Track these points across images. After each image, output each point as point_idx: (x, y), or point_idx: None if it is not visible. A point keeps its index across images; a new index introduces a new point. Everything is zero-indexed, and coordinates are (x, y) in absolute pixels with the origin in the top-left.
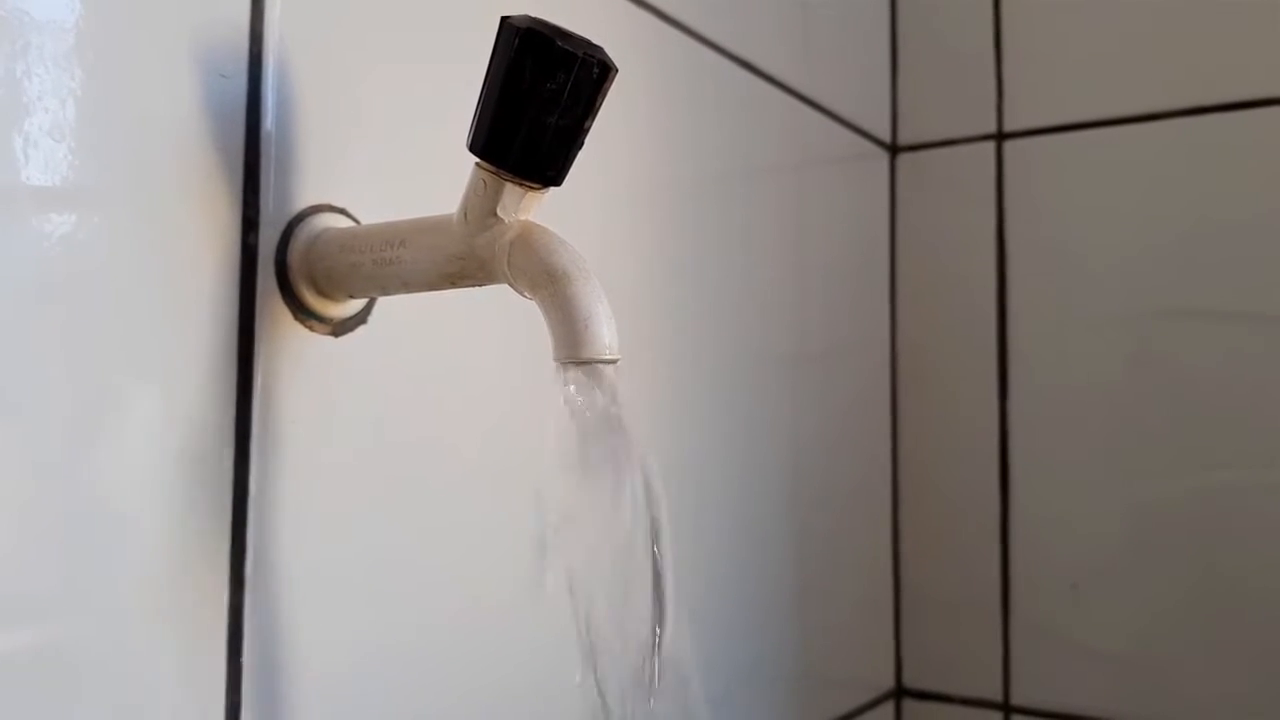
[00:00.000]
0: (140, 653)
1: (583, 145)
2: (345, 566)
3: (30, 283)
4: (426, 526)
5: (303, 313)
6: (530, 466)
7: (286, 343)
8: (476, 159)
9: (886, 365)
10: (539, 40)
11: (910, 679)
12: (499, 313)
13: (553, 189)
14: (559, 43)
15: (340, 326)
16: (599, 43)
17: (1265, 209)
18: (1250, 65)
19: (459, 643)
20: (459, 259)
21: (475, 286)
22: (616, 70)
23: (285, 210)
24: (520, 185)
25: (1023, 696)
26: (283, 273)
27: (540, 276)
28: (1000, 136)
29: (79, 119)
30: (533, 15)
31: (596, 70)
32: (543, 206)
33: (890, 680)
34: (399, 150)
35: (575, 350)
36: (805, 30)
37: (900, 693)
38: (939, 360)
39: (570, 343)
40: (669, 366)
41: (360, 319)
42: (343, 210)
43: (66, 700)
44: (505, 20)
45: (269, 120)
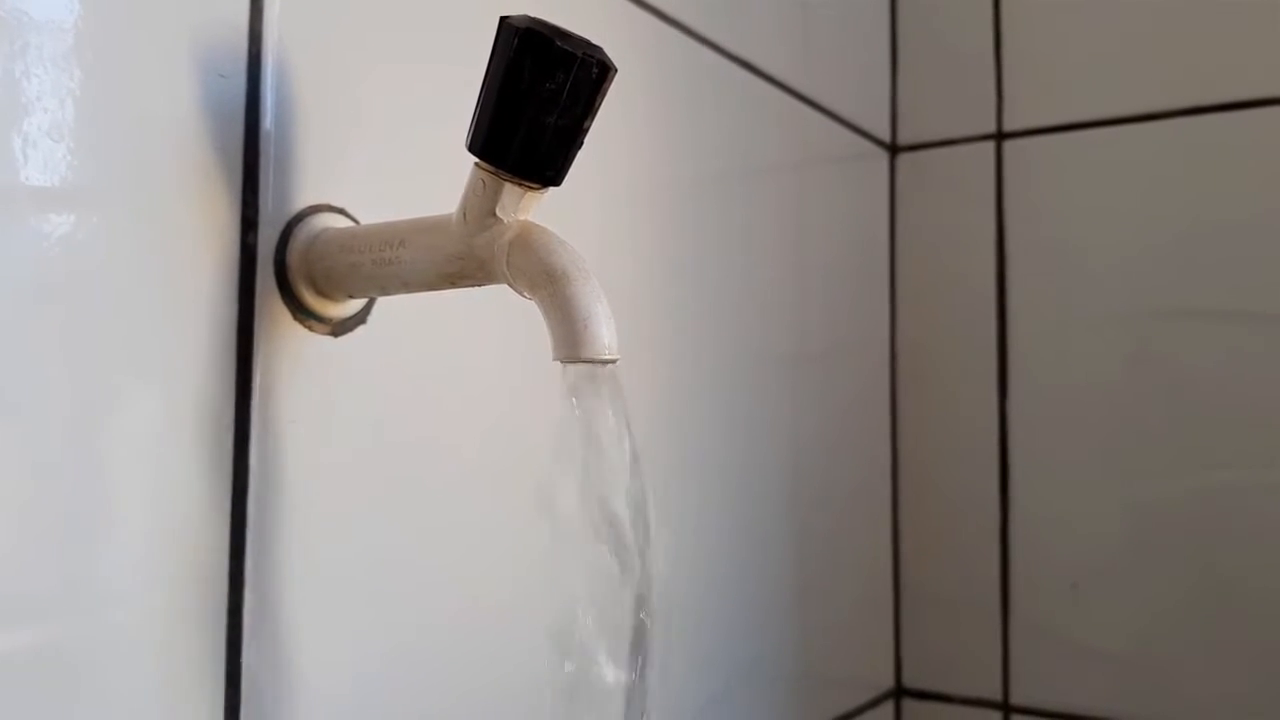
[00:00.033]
0: (139, 653)
1: (582, 145)
2: (344, 566)
3: (29, 283)
4: (426, 526)
5: (302, 313)
6: (529, 466)
7: (286, 343)
8: (475, 159)
9: (886, 365)
10: (538, 40)
11: (910, 679)
12: (498, 313)
13: (552, 189)
14: (558, 43)
15: (339, 326)
16: (598, 43)
17: (1264, 208)
18: (1249, 65)
19: (458, 643)
20: (458, 259)
21: (474, 286)
22: (616, 70)
23: (284, 210)
24: (519, 185)
25: (1022, 696)
26: (282, 273)
27: (539, 276)
28: (1000, 136)
29: (78, 119)
30: (532, 15)
31: (596, 70)
32: (542, 206)
33: (890, 680)
34: (398, 150)
35: (574, 350)
36: (805, 30)
37: (900, 692)
38: (939, 360)
39: (569, 343)
40: (669, 366)
41: (360, 319)
42: (342, 210)
43: (65, 700)
44: (504, 20)
45: (268, 120)
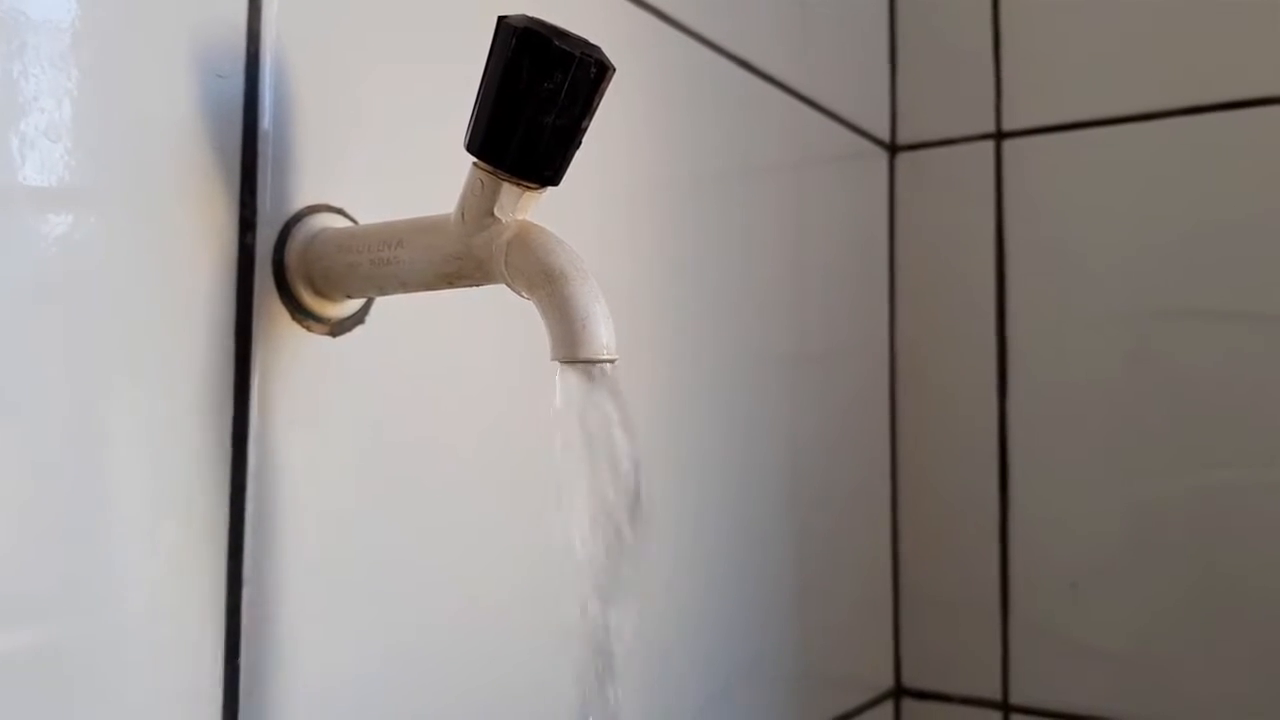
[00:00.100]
0: (138, 653)
1: (580, 145)
2: (343, 566)
3: (28, 283)
4: (424, 526)
5: (300, 313)
6: (527, 466)
7: (284, 343)
8: (474, 159)
9: (886, 364)
10: (536, 40)
11: (909, 678)
12: (496, 313)
13: (550, 189)
14: (556, 42)
15: (338, 326)
16: (596, 42)
17: (1264, 208)
18: (1248, 64)
19: (457, 642)
20: (456, 259)
21: (473, 286)
22: (614, 70)
23: (283, 210)
24: (518, 185)
25: (1022, 696)
26: (280, 273)
27: (538, 276)
28: (999, 136)
29: (75, 119)
30: (530, 15)
31: (594, 70)
32: (540, 206)
33: (889, 680)
34: (397, 150)
35: (573, 350)
36: (804, 29)
37: (899, 692)
38: (938, 359)
39: (568, 343)
40: (667, 366)
41: (358, 319)
42: (340, 210)
43: (64, 700)
44: (502, 20)
45: (266, 120)
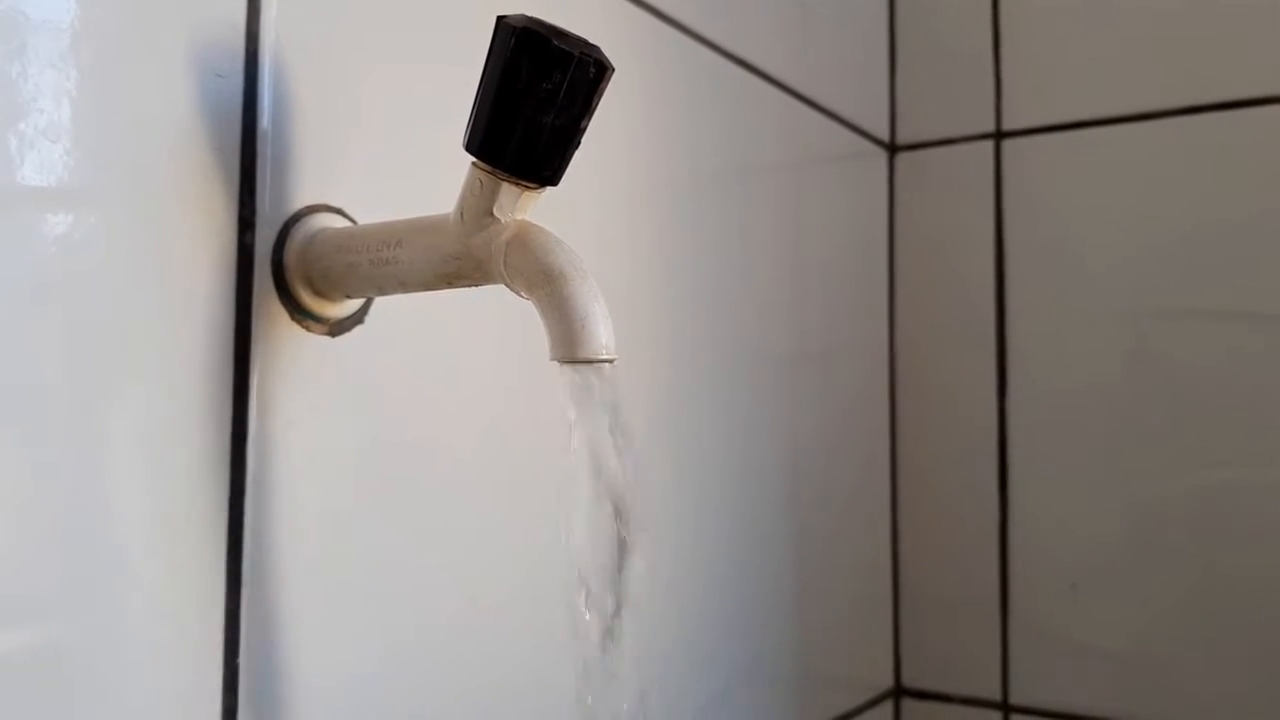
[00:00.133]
0: (137, 653)
1: (579, 145)
2: (342, 566)
3: (27, 283)
4: (423, 526)
5: (299, 313)
6: (526, 466)
7: (283, 343)
8: (473, 158)
9: (885, 364)
10: (535, 40)
11: (909, 678)
12: (496, 313)
13: (549, 189)
14: (555, 42)
15: (337, 327)
16: (595, 42)
17: (1263, 208)
18: (1247, 64)
19: (456, 642)
20: (455, 259)
21: (472, 286)
22: (613, 69)
23: (282, 210)
24: (517, 185)
25: (1022, 696)
26: (279, 273)
27: (537, 276)
28: (999, 135)
29: (74, 119)
30: (529, 14)
31: (593, 69)
32: (539, 206)
33: (889, 680)
34: (396, 150)
35: (572, 350)
36: (804, 29)
37: (899, 692)
38: (938, 359)
39: (567, 343)
40: (667, 366)
41: (357, 319)
42: (339, 210)
43: (64, 700)
44: (501, 20)
45: (265, 120)
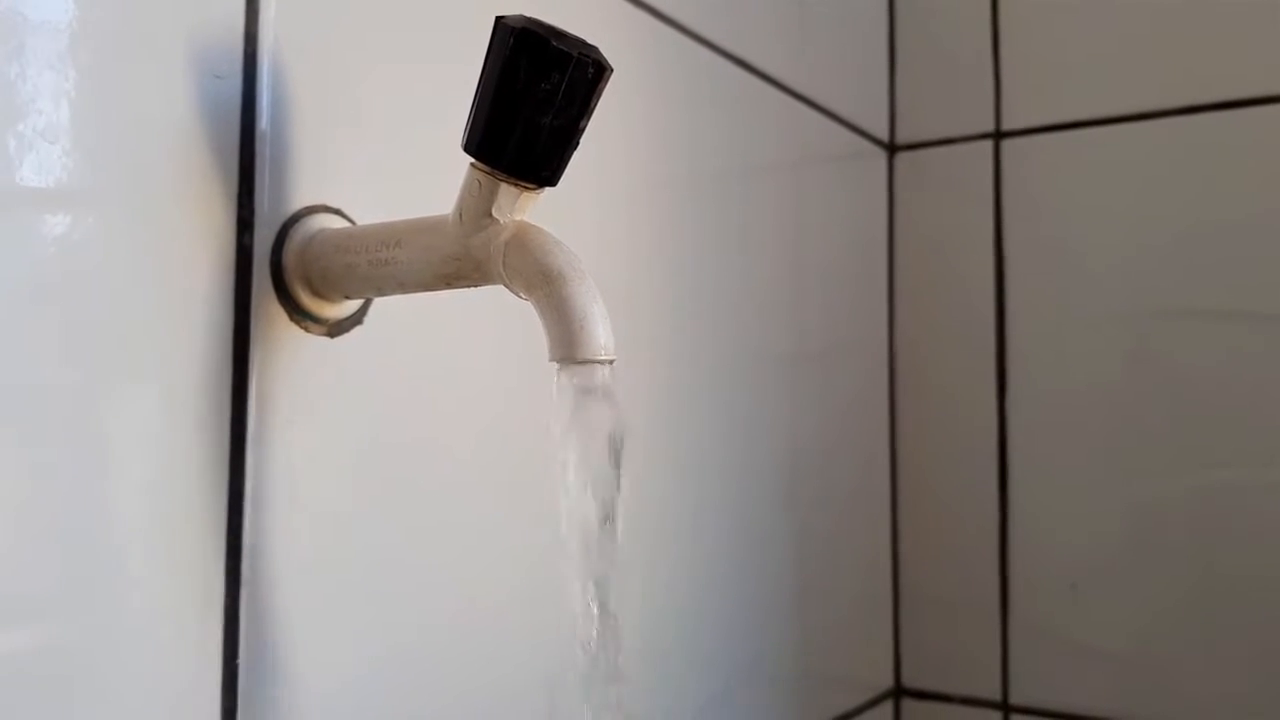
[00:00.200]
0: (136, 653)
1: (578, 145)
2: (341, 566)
3: (26, 284)
4: (422, 527)
5: (298, 314)
6: (525, 466)
7: (282, 344)
8: (471, 159)
9: (885, 364)
10: (534, 40)
11: (909, 678)
12: (494, 313)
13: (548, 189)
14: (554, 42)
15: (336, 327)
16: (594, 42)
17: (1263, 207)
18: (1247, 64)
19: (456, 643)
20: (454, 260)
21: (471, 287)
22: (612, 70)
23: (280, 211)
24: (515, 185)
25: (1022, 696)
26: (278, 273)
27: (535, 277)
28: (998, 135)
29: (73, 120)
30: (528, 15)
31: (591, 70)
32: (538, 206)
33: (889, 680)
34: (395, 150)
35: (571, 351)
36: (803, 29)
37: (899, 692)
38: (937, 359)
39: (566, 343)
40: (666, 367)
41: (356, 320)
42: (338, 211)
43: (64, 700)
44: (500, 20)
45: (264, 121)
